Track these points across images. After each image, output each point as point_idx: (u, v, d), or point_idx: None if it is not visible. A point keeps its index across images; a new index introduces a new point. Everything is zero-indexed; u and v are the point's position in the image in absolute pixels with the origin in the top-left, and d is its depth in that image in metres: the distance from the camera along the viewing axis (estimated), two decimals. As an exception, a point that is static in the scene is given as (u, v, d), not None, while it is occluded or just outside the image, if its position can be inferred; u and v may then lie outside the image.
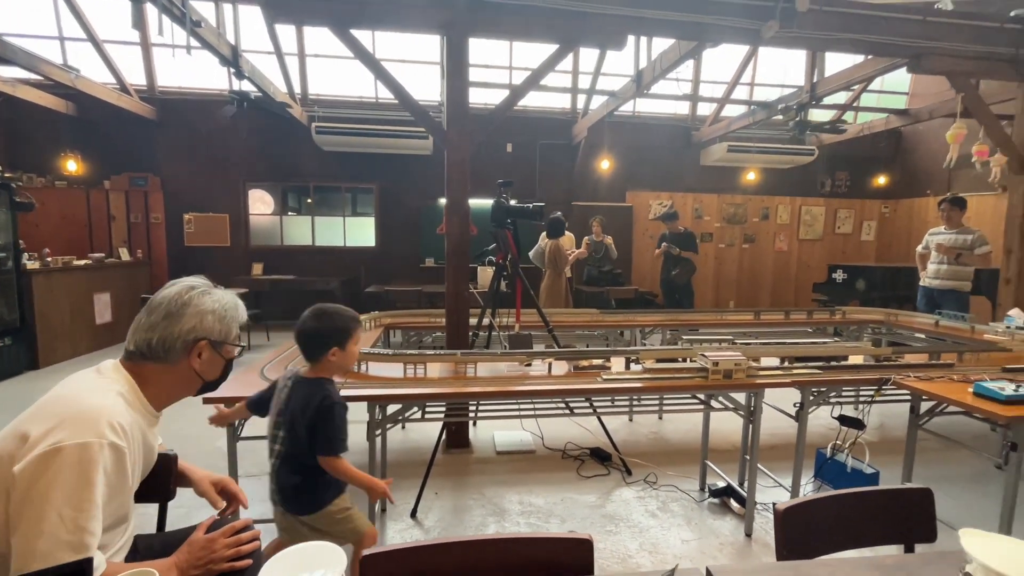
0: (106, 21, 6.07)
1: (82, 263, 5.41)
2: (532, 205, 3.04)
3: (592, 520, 2.44)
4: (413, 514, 2.46)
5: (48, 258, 5.04)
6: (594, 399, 2.53)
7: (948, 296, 4.11)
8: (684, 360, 2.41)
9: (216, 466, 2.83)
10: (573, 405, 2.53)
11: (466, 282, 3.19)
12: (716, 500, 2.61)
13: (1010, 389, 1.96)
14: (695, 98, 7.48)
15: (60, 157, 6.43)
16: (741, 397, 2.38)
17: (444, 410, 2.50)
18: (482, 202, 3.29)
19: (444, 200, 3.12)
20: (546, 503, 2.59)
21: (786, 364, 2.47)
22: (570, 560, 0.97)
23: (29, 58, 4.77)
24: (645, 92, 5.41)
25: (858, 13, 3.32)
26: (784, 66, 7.66)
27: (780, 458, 3.02)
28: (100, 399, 0.99)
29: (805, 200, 8.42)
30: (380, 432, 2.21)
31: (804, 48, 3.69)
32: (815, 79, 5.51)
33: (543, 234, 5.30)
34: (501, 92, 3.69)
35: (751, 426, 2.34)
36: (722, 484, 2.63)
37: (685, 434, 3.49)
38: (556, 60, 3.20)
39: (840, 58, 5.43)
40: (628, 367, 2.39)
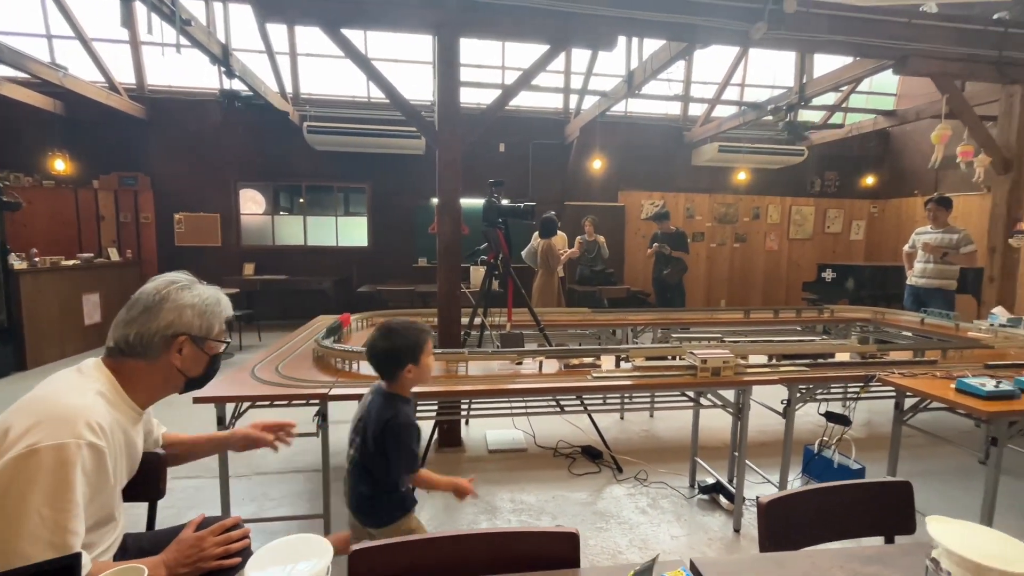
0: (94, 19, 6.02)
1: (70, 263, 5.36)
2: (523, 204, 3.05)
3: (583, 517, 2.46)
4: (405, 513, 2.47)
5: (36, 258, 4.99)
6: (585, 397, 2.55)
7: (934, 294, 4.17)
8: (673, 358, 2.44)
9: (206, 466, 2.82)
10: (564, 403, 2.55)
11: (458, 282, 3.20)
12: (705, 496, 2.64)
13: (991, 385, 2.00)
14: (686, 99, 7.53)
15: (48, 156, 6.36)
16: (730, 394, 2.41)
17: (436, 409, 2.51)
18: (476, 202, 3.30)
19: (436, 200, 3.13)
20: (537, 501, 2.61)
21: (774, 361, 2.50)
22: (557, 553, 0.99)
23: (16, 56, 4.72)
24: (636, 92, 5.44)
25: (844, 15, 3.36)
26: (774, 67, 7.74)
27: (769, 454, 3.06)
28: (78, 399, 0.97)
29: (795, 200, 8.50)
30: (372, 431, 2.22)
31: (792, 49, 3.73)
32: (804, 80, 5.57)
33: (535, 233, 5.31)
34: (493, 92, 3.70)
35: (739, 423, 2.37)
36: (711, 481, 2.66)
37: (676, 432, 3.52)
38: (547, 60, 3.22)
39: (829, 59, 5.50)
40: (618, 365, 2.42)
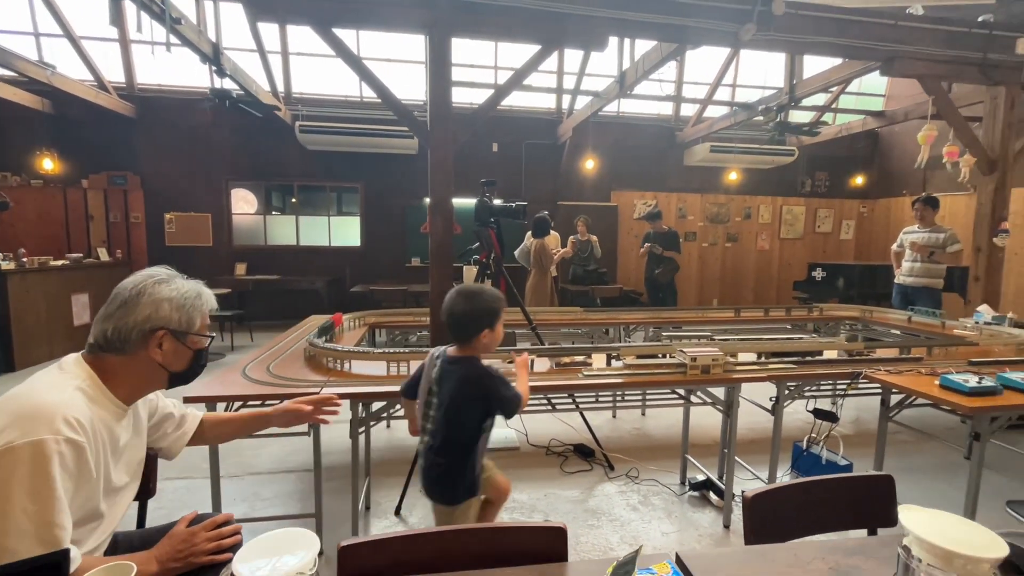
0: (83, 17, 5.97)
1: (59, 263, 5.30)
2: (515, 204, 3.06)
3: (575, 515, 2.48)
4: (397, 511, 2.48)
5: (24, 258, 4.94)
6: (577, 395, 2.56)
7: (921, 293, 4.23)
8: (664, 356, 2.46)
9: (197, 466, 2.81)
10: (556, 402, 2.56)
11: (450, 281, 3.20)
12: (696, 493, 2.66)
13: (974, 381, 2.04)
14: (678, 99, 7.57)
15: (36, 155, 6.29)
16: (720, 392, 2.43)
17: (428, 408, 2.52)
18: (469, 201, 3.31)
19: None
20: (529, 499, 2.62)
21: (763, 359, 2.53)
22: (545, 548, 1.00)
23: (3, 54, 4.67)
24: (628, 93, 5.47)
25: (832, 17, 3.41)
26: (765, 68, 7.79)
27: (758, 451, 3.08)
28: (56, 396, 0.97)
29: (786, 200, 8.58)
30: (364, 429, 2.22)
31: (781, 51, 3.78)
32: (794, 81, 5.62)
33: (528, 233, 5.33)
34: (486, 92, 3.72)
35: (729, 420, 2.40)
36: (702, 478, 2.69)
37: (667, 430, 3.55)
38: (539, 60, 3.23)
39: (818, 61, 5.55)
40: (609, 363, 2.43)
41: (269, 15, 3.00)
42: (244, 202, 7.36)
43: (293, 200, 7.46)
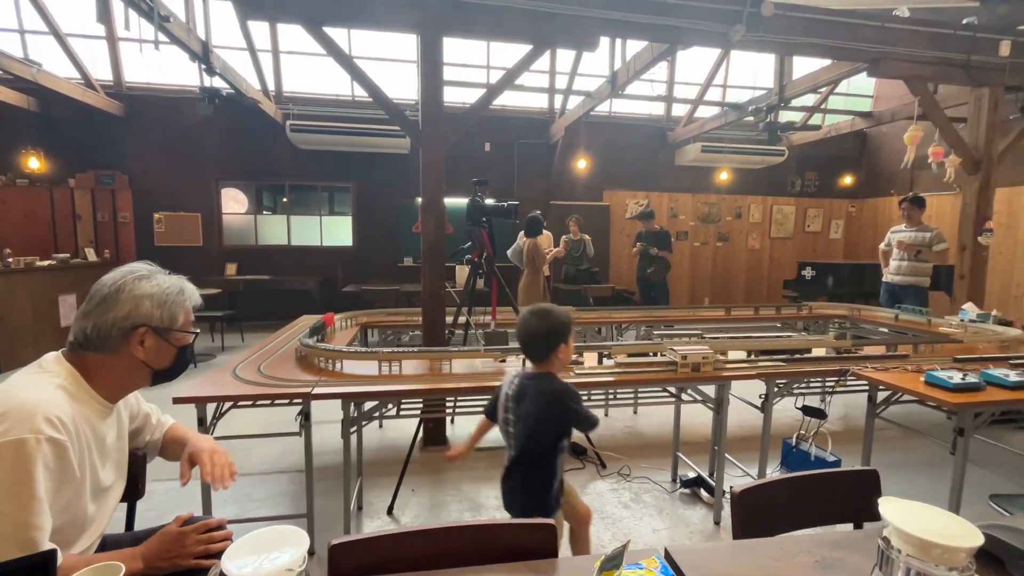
0: (69, 14, 5.89)
1: (45, 264, 5.23)
2: (507, 204, 3.07)
3: (567, 513, 2.49)
4: (390, 511, 2.47)
5: (9, 259, 4.87)
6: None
7: (908, 291, 4.29)
8: (655, 355, 2.47)
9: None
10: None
11: (442, 281, 3.21)
12: (687, 490, 2.68)
13: (958, 378, 2.08)
14: (670, 99, 7.62)
15: (21, 154, 6.20)
16: (710, 390, 2.45)
17: (421, 407, 2.52)
18: (461, 201, 3.31)
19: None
20: (522, 497, 2.62)
21: (752, 357, 2.55)
22: (535, 544, 1.01)
23: (-13, 51, 4.61)
24: (620, 93, 5.49)
25: (820, 18, 3.44)
26: (755, 69, 7.86)
27: (748, 449, 3.11)
28: (36, 394, 0.95)
29: (776, 199, 8.65)
30: (355, 429, 2.22)
31: (770, 52, 3.81)
32: (783, 82, 5.67)
33: (521, 233, 5.33)
34: (478, 91, 3.72)
35: (719, 417, 2.42)
36: (693, 475, 2.71)
37: (659, 428, 3.57)
38: (530, 60, 3.24)
39: (807, 62, 5.60)
40: (600, 362, 2.45)
41: (259, 13, 2.98)
42: (235, 201, 7.30)
43: (284, 200, 7.41)
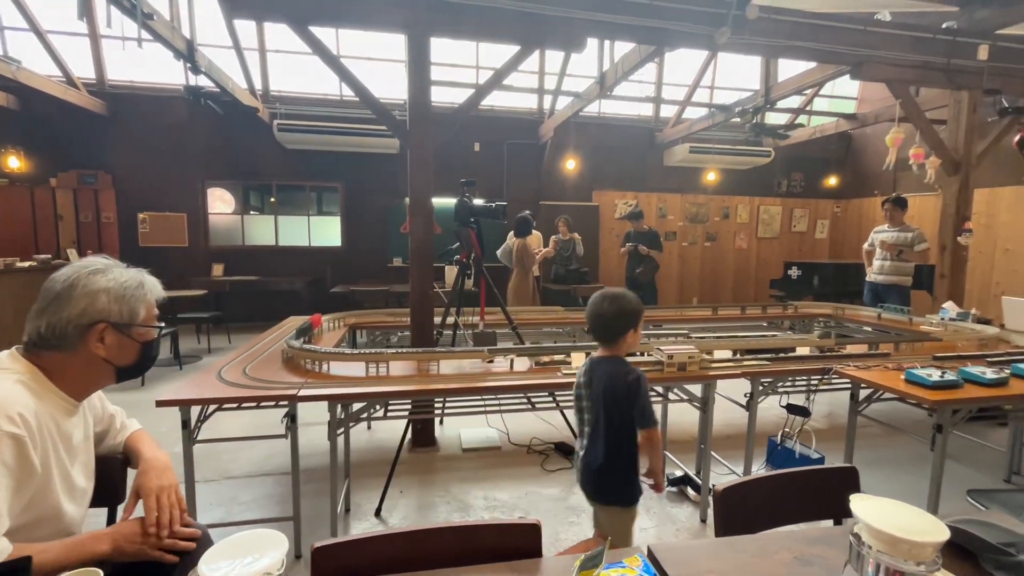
0: (50, 10, 5.78)
1: (26, 265, 5.14)
2: (495, 204, 3.08)
3: (555, 512, 2.50)
4: (377, 512, 2.47)
5: (-12, 260, 4.78)
6: (557, 394, 2.58)
7: (891, 290, 4.37)
8: (642, 354, 2.49)
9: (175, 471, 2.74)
10: (537, 401, 2.58)
11: (430, 281, 3.20)
12: (674, 489, 2.70)
13: (937, 375, 2.12)
14: (658, 100, 7.67)
15: (1, 153, 6.08)
16: (697, 389, 2.48)
17: (409, 408, 2.52)
18: (449, 201, 3.31)
19: (408, 199, 3.12)
20: (511, 497, 2.63)
21: (738, 356, 2.58)
22: (519, 544, 1.01)
23: (-35, 48, 4.51)
24: (609, 93, 5.52)
25: (805, 22, 3.49)
26: (742, 71, 7.94)
27: (735, 447, 3.15)
28: None
29: (763, 200, 8.75)
30: (343, 431, 2.21)
31: (756, 54, 3.86)
32: (769, 84, 5.74)
33: (511, 233, 5.34)
34: (467, 91, 3.72)
35: (705, 416, 2.44)
36: (679, 473, 2.73)
37: (647, 427, 3.59)
38: (518, 61, 3.25)
39: (793, 64, 5.68)
40: (588, 362, 2.46)
41: (245, 12, 2.95)
42: (221, 201, 7.22)
43: (272, 200, 7.35)
